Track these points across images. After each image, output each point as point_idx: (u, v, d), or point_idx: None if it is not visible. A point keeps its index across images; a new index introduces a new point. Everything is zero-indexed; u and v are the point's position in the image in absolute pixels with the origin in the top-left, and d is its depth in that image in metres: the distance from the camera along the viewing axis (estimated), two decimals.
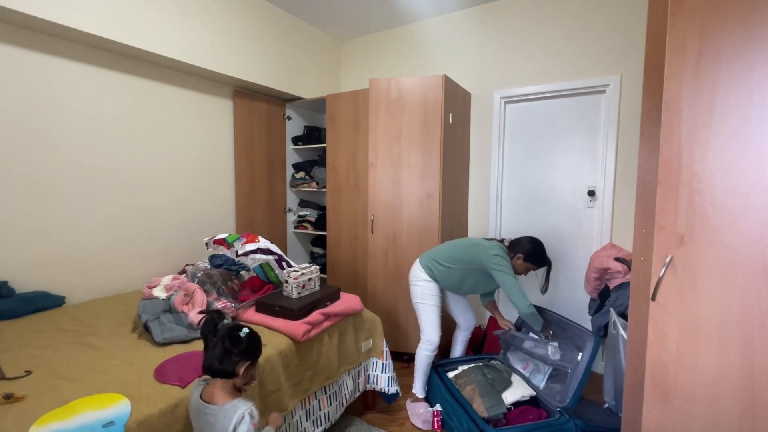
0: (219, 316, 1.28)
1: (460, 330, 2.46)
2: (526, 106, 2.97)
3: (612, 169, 2.62)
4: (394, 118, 2.71)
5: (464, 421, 1.84)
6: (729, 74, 1.01)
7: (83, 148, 2.21)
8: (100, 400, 1.20)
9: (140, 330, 1.74)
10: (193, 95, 2.77)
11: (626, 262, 2.29)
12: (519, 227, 3.06)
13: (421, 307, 2.22)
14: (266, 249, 2.10)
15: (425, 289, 2.21)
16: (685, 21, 1.05)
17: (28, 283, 2.02)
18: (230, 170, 3.08)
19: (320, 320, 1.84)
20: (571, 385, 1.93)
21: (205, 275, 1.98)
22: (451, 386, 2.08)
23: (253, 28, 2.90)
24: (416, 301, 2.24)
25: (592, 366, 1.96)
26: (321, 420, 1.81)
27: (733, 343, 1.04)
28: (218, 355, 1.17)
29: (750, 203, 1.00)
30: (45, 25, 1.91)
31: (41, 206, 2.06)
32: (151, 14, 2.26)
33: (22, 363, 1.41)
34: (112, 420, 1.11)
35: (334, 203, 3.16)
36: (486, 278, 2.18)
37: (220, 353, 1.17)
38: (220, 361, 1.17)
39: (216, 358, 1.17)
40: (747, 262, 1.01)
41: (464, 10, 3.11)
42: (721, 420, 1.06)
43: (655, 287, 1.12)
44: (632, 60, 2.51)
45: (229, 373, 1.18)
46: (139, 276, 2.51)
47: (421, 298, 2.22)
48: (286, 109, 3.49)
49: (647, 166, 1.31)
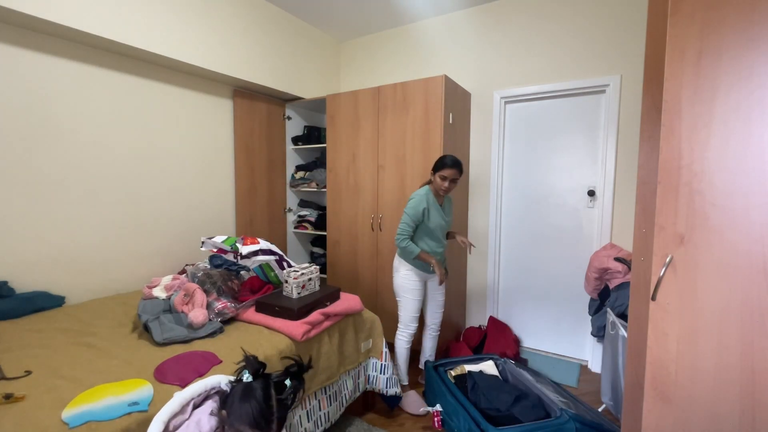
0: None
1: (427, 328, 2.48)
2: (526, 106, 2.97)
3: (612, 169, 2.62)
4: (400, 120, 2.76)
5: (464, 421, 1.84)
6: (729, 74, 1.01)
7: (83, 148, 2.21)
8: (123, 385, 1.27)
9: (140, 330, 1.74)
10: (193, 95, 2.76)
11: (626, 262, 2.29)
12: (519, 227, 3.06)
13: (402, 296, 2.29)
14: (267, 250, 2.11)
15: (405, 279, 2.27)
16: (685, 21, 1.05)
17: (28, 283, 2.02)
18: (230, 170, 3.08)
19: (320, 320, 1.84)
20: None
21: (205, 275, 1.98)
22: (451, 386, 2.08)
23: (254, 28, 2.90)
24: (396, 291, 2.32)
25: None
26: (321, 420, 1.81)
27: (733, 343, 1.03)
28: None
29: (750, 203, 1.00)
30: (45, 25, 1.91)
31: (41, 206, 2.06)
32: (151, 14, 2.26)
33: (22, 363, 1.41)
34: (137, 401, 1.19)
35: (334, 203, 3.16)
36: (423, 229, 2.22)
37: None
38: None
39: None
40: (747, 262, 1.01)
41: (464, 10, 3.11)
42: (721, 420, 1.06)
43: (655, 287, 1.12)
44: (632, 60, 2.51)
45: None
46: (139, 276, 2.51)
47: (401, 287, 2.28)
48: (286, 109, 3.49)
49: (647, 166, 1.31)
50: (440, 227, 2.24)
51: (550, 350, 3.00)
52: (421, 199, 2.17)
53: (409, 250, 2.17)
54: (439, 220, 2.23)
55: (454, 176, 2.14)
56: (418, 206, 2.15)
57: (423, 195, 2.18)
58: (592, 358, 2.77)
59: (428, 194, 2.20)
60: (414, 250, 2.16)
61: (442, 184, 2.15)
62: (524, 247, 3.05)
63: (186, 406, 1.08)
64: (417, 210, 2.15)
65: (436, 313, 2.44)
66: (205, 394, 1.13)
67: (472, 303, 3.25)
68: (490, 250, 3.11)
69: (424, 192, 2.20)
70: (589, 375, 2.70)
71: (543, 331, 3.01)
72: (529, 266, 3.04)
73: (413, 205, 2.16)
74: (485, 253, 3.15)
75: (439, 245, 2.27)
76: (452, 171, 2.13)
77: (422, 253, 2.18)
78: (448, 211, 2.33)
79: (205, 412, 1.07)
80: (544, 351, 3.02)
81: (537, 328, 3.04)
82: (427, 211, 2.17)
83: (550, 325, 2.98)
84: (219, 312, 1.81)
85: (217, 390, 1.15)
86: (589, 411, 2.04)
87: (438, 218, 2.22)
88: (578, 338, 2.87)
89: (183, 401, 1.07)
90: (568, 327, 2.90)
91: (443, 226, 2.27)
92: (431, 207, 2.19)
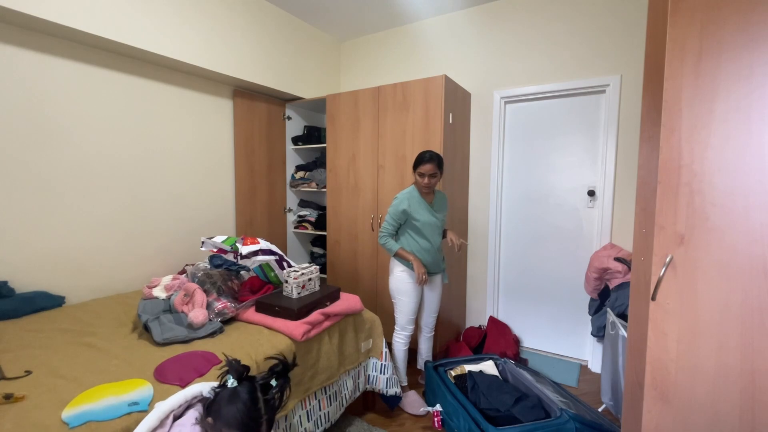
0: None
1: (420, 330, 2.45)
2: (526, 106, 2.97)
3: (612, 169, 2.62)
4: (400, 120, 2.76)
5: (464, 421, 1.84)
6: (729, 74, 1.01)
7: (83, 148, 2.21)
8: (123, 385, 1.28)
9: (140, 330, 1.74)
10: (193, 95, 2.76)
11: (626, 262, 2.29)
12: (519, 227, 3.06)
13: (397, 297, 2.27)
14: (267, 250, 2.11)
15: (400, 281, 2.24)
16: (685, 21, 1.05)
17: (28, 283, 2.02)
18: (230, 170, 3.08)
19: (320, 320, 1.84)
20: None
21: (205, 275, 1.98)
22: (451, 386, 2.08)
23: (254, 28, 2.90)
24: (392, 292, 2.30)
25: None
26: (321, 420, 1.81)
27: (733, 343, 1.04)
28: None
29: (750, 203, 1.00)
30: (45, 25, 1.91)
31: (41, 206, 2.06)
32: (151, 14, 2.26)
33: (22, 363, 1.41)
34: (137, 401, 1.19)
35: (334, 203, 3.16)
36: (412, 228, 2.19)
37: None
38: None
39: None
40: (747, 262, 1.01)
41: (464, 10, 3.11)
42: (721, 420, 1.06)
43: (655, 287, 1.12)
44: (632, 60, 2.51)
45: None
46: (139, 276, 2.51)
47: (396, 289, 2.26)
48: (286, 109, 3.49)
49: (647, 166, 1.31)
50: (429, 225, 2.18)
51: (550, 350, 3.00)
52: (402, 199, 2.16)
53: (387, 248, 2.20)
54: (428, 218, 2.18)
55: (431, 171, 2.09)
56: (399, 206, 2.15)
57: (405, 195, 2.17)
58: (592, 358, 2.77)
59: (411, 193, 2.18)
60: (392, 247, 2.18)
61: (421, 180, 2.11)
62: (524, 246, 3.05)
63: (165, 420, 1.05)
64: (397, 210, 2.15)
65: (429, 317, 2.40)
66: (186, 404, 1.10)
67: (472, 303, 3.25)
68: (490, 250, 3.11)
69: (407, 192, 2.19)
70: (589, 375, 2.70)
71: (543, 331, 3.01)
72: (529, 266, 3.04)
73: (394, 204, 2.18)
74: (485, 253, 3.14)
75: (429, 243, 2.21)
76: (428, 166, 2.08)
77: (401, 250, 2.17)
78: (440, 208, 2.26)
79: (186, 423, 1.04)
80: (544, 351, 3.02)
81: (537, 328, 3.04)
82: (410, 210, 2.15)
83: (550, 325, 2.98)
84: (219, 312, 1.81)
85: (200, 398, 1.13)
86: (589, 411, 2.04)
87: (426, 216, 2.17)
88: (578, 338, 2.87)
89: (162, 415, 1.04)
90: (568, 327, 2.90)
91: (434, 224, 2.20)
92: (416, 205, 2.16)
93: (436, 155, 2.10)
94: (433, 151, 2.12)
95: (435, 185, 2.16)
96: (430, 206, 2.21)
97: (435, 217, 2.21)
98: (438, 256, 2.30)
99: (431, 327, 2.43)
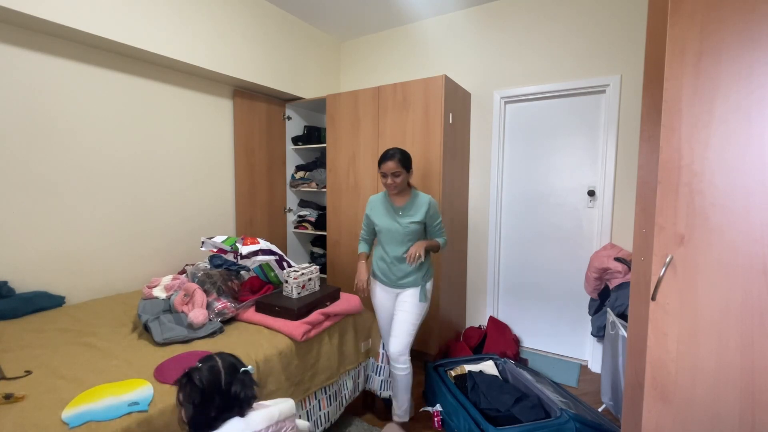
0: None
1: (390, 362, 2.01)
2: (526, 106, 2.97)
3: (612, 169, 2.62)
4: (400, 120, 2.76)
5: (464, 421, 1.84)
6: (729, 74, 1.01)
7: (83, 148, 2.21)
8: (123, 385, 1.28)
9: (140, 330, 1.74)
10: (193, 95, 2.76)
11: (626, 262, 2.29)
12: (519, 227, 3.06)
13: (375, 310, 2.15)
14: (267, 250, 2.11)
15: (371, 292, 2.09)
16: (685, 21, 1.05)
17: (28, 283, 2.02)
18: (230, 170, 3.08)
19: (320, 320, 1.84)
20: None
21: (205, 275, 1.98)
22: (451, 386, 2.08)
23: (253, 28, 2.90)
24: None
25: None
26: (321, 420, 1.81)
27: (733, 343, 1.03)
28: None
29: (750, 203, 1.00)
30: (45, 25, 1.91)
31: (41, 206, 2.06)
32: (151, 14, 2.26)
33: (22, 363, 1.41)
34: (137, 401, 1.20)
35: (334, 203, 3.16)
36: (377, 231, 2.03)
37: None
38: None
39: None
40: (747, 262, 1.00)
41: (464, 10, 3.11)
42: (721, 420, 1.06)
43: (655, 287, 1.12)
44: (632, 60, 2.51)
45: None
46: (139, 276, 2.51)
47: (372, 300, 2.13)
48: (286, 109, 3.49)
49: (647, 166, 1.31)
50: (389, 231, 1.94)
51: (550, 350, 3.00)
52: (369, 201, 2.08)
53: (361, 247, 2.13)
54: (387, 223, 1.95)
55: (393, 170, 1.87)
56: (366, 209, 2.07)
57: (374, 197, 2.08)
58: (592, 358, 2.77)
59: (381, 196, 2.04)
60: (358, 250, 2.08)
61: (384, 180, 1.92)
62: (524, 246, 3.05)
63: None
64: (366, 213, 2.07)
65: (394, 340, 1.91)
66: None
67: (472, 303, 3.25)
68: (490, 250, 3.11)
69: (379, 194, 2.07)
70: (589, 375, 2.70)
71: (543, 331, 3.01)
72: (529, 266, 3.04)
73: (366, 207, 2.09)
74: (485, 253, 3.14)
75: (386, 252, 1.97)
76: (388, 164, 1.88)
77: (359, 254, 2.08)
78: (412, 214, 1.93)
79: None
80: (544, 351, 3.02)
81: (537, 327, 3.04)
82: (371, 213, 2.04)
83: (550, 325, 2.98)
84: (219, 312, 1.81)
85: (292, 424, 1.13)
86: (589, 411, 2.04)
87: (384, 221, 1.96)
88: (578, 338, 2.87)
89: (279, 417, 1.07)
90: (568, 327, 2.90)
91: (394, 230, 1.93)
92: (377, 209, 2.01)
93: (399, 151, 1.90)
94: (397, 148, 1.93)
95: (401, 185, 1.91)
96: (397, 210, 1.96)
97: (397, 222, 1.93)
98: (396, 268, 1.95)
99: (398, 357, 1.89)
